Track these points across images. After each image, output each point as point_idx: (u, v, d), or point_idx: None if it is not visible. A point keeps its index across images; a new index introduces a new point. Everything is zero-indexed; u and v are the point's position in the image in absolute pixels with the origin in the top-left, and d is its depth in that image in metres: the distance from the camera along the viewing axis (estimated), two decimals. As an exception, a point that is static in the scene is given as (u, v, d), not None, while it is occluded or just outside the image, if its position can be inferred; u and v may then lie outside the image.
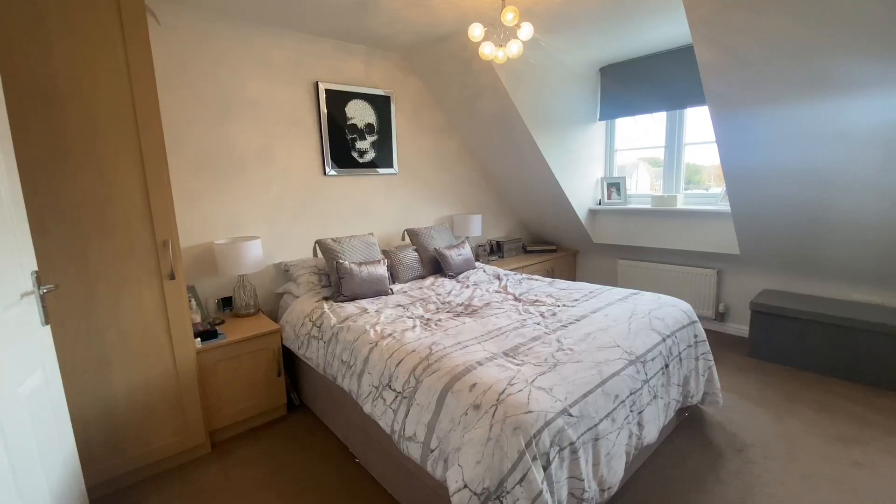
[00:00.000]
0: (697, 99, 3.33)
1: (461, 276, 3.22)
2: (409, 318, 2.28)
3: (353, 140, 3.28)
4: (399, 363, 1.77)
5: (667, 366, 2.04)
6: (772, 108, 2.37)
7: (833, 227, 2.76)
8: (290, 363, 2.74)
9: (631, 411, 1.74)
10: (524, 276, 3.22)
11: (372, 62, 3.36)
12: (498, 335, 2.01)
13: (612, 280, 4.43)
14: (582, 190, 4.11)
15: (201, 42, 2.60)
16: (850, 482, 1.90)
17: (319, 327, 2.33)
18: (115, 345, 1.97)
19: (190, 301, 2.46)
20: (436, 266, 3.33)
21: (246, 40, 2.75)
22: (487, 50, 2.31)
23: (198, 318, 2.47)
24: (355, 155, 3.31)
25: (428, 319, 2.25)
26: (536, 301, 2.57)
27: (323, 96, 3.08)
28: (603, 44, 3.32)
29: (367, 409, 1.83)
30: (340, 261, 2.66)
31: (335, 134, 3.18)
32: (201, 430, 2.25)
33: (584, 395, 1.56)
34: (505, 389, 1.48)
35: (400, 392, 1.69)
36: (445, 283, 3.01)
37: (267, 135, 2.89)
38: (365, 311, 2.38)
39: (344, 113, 3.21)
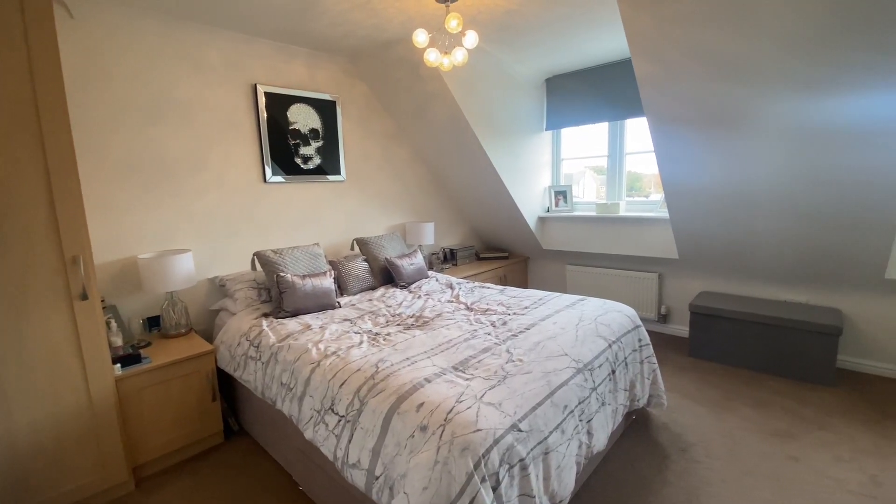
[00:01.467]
0: (638, 110, 3.46)
1: (413, 285, 3.15)
2: (355, 333, 2.17)
3: (297, 145, 3.13)
4: (343, 384, 1.67)
5: (613, 371, 2.06)
6: (701, 124, 2.49)
7: (761, 234, 2.94)
8: (228, 386, 2.54)
9: (580, 420, 1.73)
10: (476, 284, 3.19)
11: (316, 65, 3.23)
12: (448, 348, 1.95)
13: (561, 285, 4.51)
14: (531, 198, 4.17)
15: (123, 39, 2.38)
16: (787, 477, 1.99)
17: (257, 347, 2.17)
18: (15, 377, 1.73)
19: (109, 323, 2.22)
20: (387, 276, 3.24)
21: (175, 38, 2.56)
22: (432, 56, 2.27)
23: (119, 342, 2.23)
24: (299, 161, 3.15)
25: (376, 334, 2.16)
26: (488, 310, 2.55)
27: (262, 99, 2.92)
28: (548, 55, 3.39)
29: (308, 434, 1.71)
30: (281, 273, 2.51)
31: (276, 139, 3.02)
32: (123, 466, 2.02)
33: (534, 408, 1.53)
34: (453, 408, 1.42)
35: (343, 416, 1.58)
36: (396, 294, 2.93)
37: (200, 139, 2.69)
38: (308, 327, 2.25)
39: (286, 117, 3.06)
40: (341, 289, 2.94)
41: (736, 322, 3.11)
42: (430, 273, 3.48)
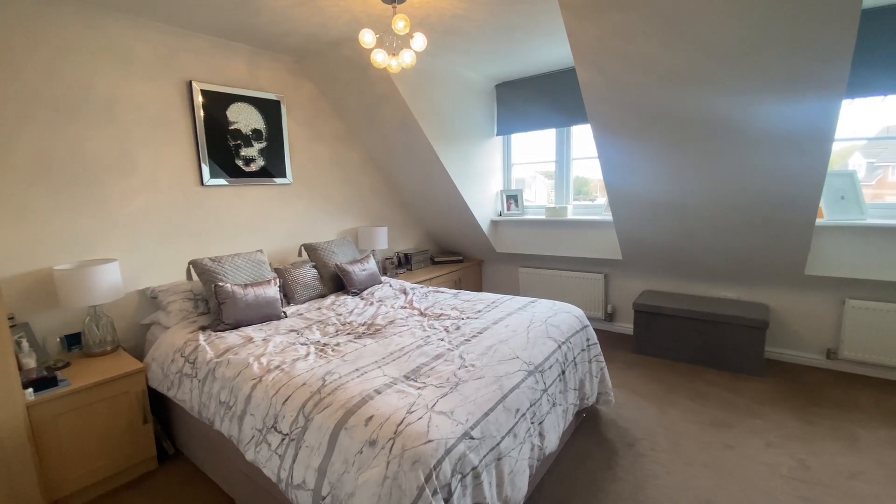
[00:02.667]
0: (583, 118, 3.57)
1: (365, 292, 3.07)
2: (302, 344, 2.07)
3: (238, 147, 2.97)
4: (286, 400, 1.57)
5: (563, 372, 2.10)
6: (641, 132, 2.60)
7: (696, 236, 3.12)
8: (162, 406, 2.35)
9: (532, 423, 1.74)
10: (431, 288, 3.16)
11: (258, 64, 3.08)
12: (400, 356, 1.90)
13: (514, 287, 4.58)
14: (484, 201, 4.20)
15: (35, 27, 2.15)
16: (724, 465, 2.10)
17: (193, 363, 2.02)
18: None
19: (20, 342, 1.99)
20: (337, 283, 3.13)
21: (98, 28, 2.34)
22: (380, 58, 2.22)
23: (32, 363, 2.00)
24: (240, 163, 2.99)
25: (324, 345, 2.07)
26: (441, 315, 2.52)
27: (199, 98, 2.74)
28: (497, 61, 3.43)
29: (249, 456, 1.60)
30: (220, 283, 2.35)
31: (215, 140, 2.85)
32: (39, 502, 1.81)
33: (486, 414, 1.52)
34: (404, 419, 1.38)
35: (287, 434, 1.49)
36: (347, 302, 2.84)
37: (127, 139, 2.48)
38: (250, 340, 2.12)
39: (225, 117, 2.89)
40: (288, 297, 2.81)
41: (675, 319, 3.28)
42: (383, 279, 3.41)
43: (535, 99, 3.85)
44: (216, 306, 2.31)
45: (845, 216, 2.83)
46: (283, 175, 3.26)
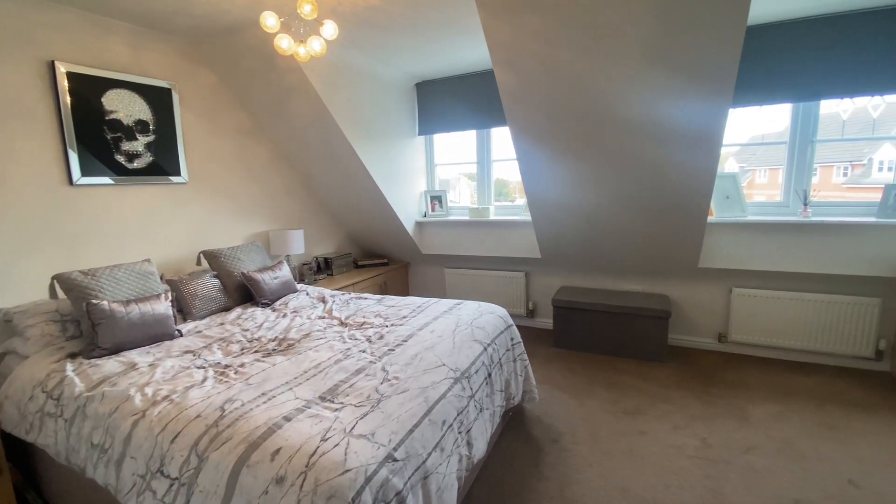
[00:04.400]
0: (503, 120, 3.60)
1: (278, 302, 2.81)
2: (198, 368, 1.81)
3: (118, 140, 2.56)
4: (176, 437, 1.35)
5: (490, 375, 2.07)
6: (555, 136, 2.67)
7: (604, 235, 3.30)
8: (26, 452, 1.94)
9: (459, 433, 1.68)
10: (353, 295, 2.99)
11: (142, 45, 2.68)
12: (315, 374, 1.74)
13: (441, 289, 4.54)
14: (408, 202, 4.10)
15: None
16: (639, 451, 2.21)
17: (58, 399, 1.67)
18: None
19: None
20: (245, 294, 2.84)
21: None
22: (285, 44, 2.02)
23: None
24: (121, 159, 2.58)
25: (226, 366, 1.83)
26: (364, 324, 2.38)
27: (64, 81, 2.31)
28: (416, 59, 3.34)
29: (130, 508, 1.35)
30: (94, 301, 1.99)
31: (88, 132, 2.43)
32: None
33: (410, 431, 1.42)
34: (317, 448, 1.23)
35: (176, 478, 1.27)
36: (256, 315, 2.57)
37: (-38, 129, 2.02)
38: (133, 366, 1.81)
39: (101, 104, 2.47)
40: (184, 313, 2.48)
41: (590, 312, 3.44)
42: (299, 286, 3.16)
43: (456, 99, 3.83)
44: (89, 328, 1.94)
45: (730, 214, 3.15)
46: (177, 173, 2.89)
